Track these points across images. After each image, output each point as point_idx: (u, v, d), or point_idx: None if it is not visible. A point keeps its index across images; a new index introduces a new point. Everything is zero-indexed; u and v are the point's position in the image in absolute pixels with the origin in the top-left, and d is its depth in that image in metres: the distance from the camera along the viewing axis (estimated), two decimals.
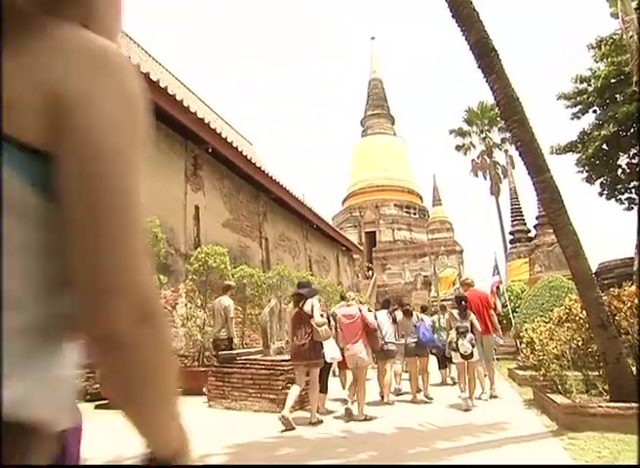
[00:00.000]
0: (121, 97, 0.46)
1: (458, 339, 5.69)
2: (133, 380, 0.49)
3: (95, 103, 0.44)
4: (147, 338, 0.47)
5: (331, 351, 5.12)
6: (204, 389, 6.11)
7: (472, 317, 5.98)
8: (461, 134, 29.89)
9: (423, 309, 7.93)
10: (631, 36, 7.28)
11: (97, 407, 5.47)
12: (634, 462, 2.94)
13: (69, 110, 0.43)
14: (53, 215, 0.44)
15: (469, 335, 5.70)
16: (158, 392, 0.51)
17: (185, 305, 8.21)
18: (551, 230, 5.26)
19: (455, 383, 7.17)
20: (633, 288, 4.77)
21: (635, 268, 7.84)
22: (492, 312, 6.81)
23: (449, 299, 16.10)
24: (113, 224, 0.45)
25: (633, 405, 3.80)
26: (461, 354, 5.64)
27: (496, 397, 6.21)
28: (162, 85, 8.43)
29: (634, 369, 4.38)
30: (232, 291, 7.02)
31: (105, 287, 0.44)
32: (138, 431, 0.52)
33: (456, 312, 6.04)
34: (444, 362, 7.74)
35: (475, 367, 5.87)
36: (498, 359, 13.55)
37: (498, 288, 12.46)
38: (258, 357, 6.02)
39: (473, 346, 5.65)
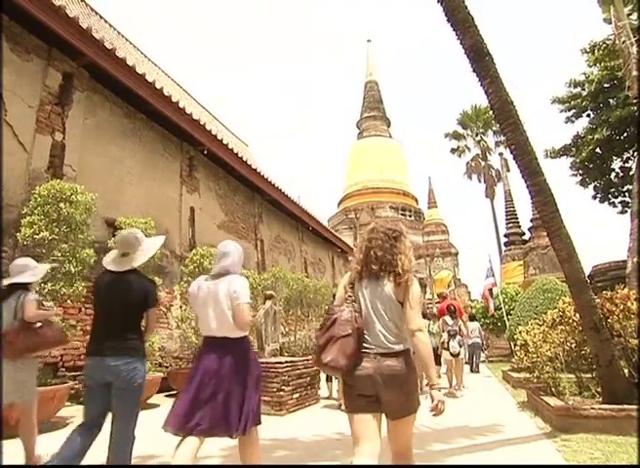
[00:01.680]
0: (417, 286, 2.03)
1: (449, 341, 7.03)
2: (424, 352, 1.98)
3: (414, 287, 2.01)
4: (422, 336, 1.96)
5: None
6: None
7: (460, 323, 7.28)
8: (456, 137, 30.03)
9: (424, 315, 8.10)
10: (624, 41, 7.35)
11: None
12: (626, 463, 2.96)
13: (408, 288, 2.01)
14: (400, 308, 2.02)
15: (458, 337, 7.09)
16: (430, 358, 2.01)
17: (180, 307, 8.18)
18: (545, 233, 5.29)
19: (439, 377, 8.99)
20: (626, 290, 4.80)
21: (628, 271, 7.89)
22: (463, 318, 8.23)
23: None
24: (418, 307, 1.99)
25: (626, 406, 3.84)
26: (451, 353, 6.97)
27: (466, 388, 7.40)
28: (157, 86, 8.42)
29: (627, 371, 4.41)
30: (274, 299, 7.26)
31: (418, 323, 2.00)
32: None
33: (447, 318, 7.33)
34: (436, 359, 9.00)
35: (461, 363, 7.24)
36: (492, 361, 13.62)
37: (491, 290, 12.52)
38: None
39: (461, 346, 7.12)
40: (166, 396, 6.90)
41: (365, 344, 1.95)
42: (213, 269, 2.69)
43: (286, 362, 5.63)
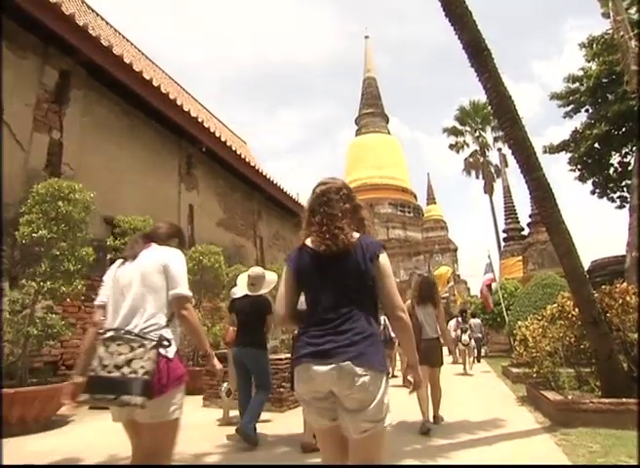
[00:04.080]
0: (442, 307, 4.77)
1: (461, 335, 9.98)
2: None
3: (442, 308, 4.72)
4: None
5: None
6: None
7: (471, 321, 10.46)
8: (455, 132, 29.94)
9: None
10: (622, 35, 7.33)
11: (90, 407, 5.43)
12: (625, 457, 2.97)
13: (440, 309, 4.55)
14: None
15: (468, 332, 10.13)
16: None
17: None
18: (544, 228, 5.30)
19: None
20: (625, 285, 4.81)
21: (627, 266, 7.91)
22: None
23: (443, 298, 16.18)
24: (444, 319, 4.99)
25: (625, 400, 3.85)
26: (462, 344, 9.87)
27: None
28: (155, 83, 8.40)
29: (625, 365, 4.43)
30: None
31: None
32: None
33: (460, 318, 10.99)
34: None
35: (470, 352, 10.16)
36: (491, 356, 13.70)
37: (488, 286, 12.51)
38: None
39: (470, 339, 10.00)
40: None
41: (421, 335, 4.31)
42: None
43: (286, 358, 5.63)
